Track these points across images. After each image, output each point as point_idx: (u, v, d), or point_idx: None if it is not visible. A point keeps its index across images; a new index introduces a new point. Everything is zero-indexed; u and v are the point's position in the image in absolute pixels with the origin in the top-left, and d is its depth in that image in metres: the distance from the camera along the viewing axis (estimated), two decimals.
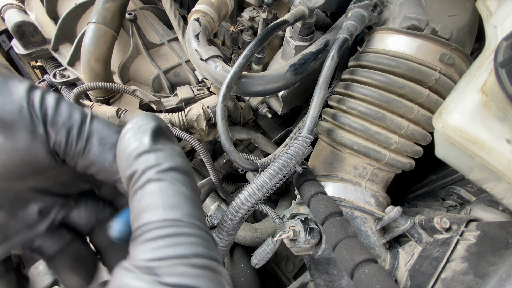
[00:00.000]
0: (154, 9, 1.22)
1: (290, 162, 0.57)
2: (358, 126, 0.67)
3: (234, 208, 0.56)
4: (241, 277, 0.95)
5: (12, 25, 1.02)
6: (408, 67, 0.63)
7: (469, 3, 0.67)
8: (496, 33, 0.46)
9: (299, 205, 0.74)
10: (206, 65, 0.72)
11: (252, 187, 0.56)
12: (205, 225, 0.24)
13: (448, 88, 0.64)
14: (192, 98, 0.95)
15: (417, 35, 0.64)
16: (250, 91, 0.71)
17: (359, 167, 0.69)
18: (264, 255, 0.60)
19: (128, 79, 1.08)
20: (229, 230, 0.57)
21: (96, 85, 0.80)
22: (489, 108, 0.41)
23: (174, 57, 1.09)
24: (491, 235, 0.52)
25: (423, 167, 0.81)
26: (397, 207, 0.61)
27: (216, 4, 0.81)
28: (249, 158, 0.91)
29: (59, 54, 1.10)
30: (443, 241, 0.56)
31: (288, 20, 0.69)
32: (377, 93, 0.65)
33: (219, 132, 0.65)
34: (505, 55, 0.38)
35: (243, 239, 0.95)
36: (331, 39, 0.77)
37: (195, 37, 0.75)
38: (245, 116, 1.06)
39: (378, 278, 0.45)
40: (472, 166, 0.45)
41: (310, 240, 0.59)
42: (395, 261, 0.62)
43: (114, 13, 0.88)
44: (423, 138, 0.67)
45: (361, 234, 0.63)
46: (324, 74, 0.64)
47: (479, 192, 0.70)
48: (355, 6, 0.67)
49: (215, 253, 0.23)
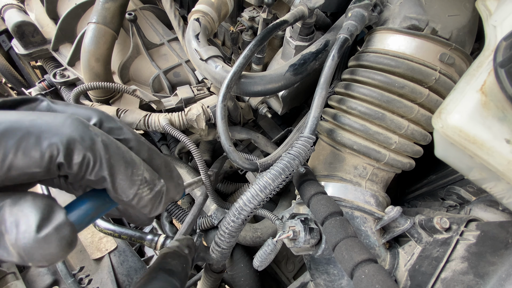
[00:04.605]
0: (154, 9, 1.22)
1: (293, 162, 0.57)
2: (358, 126, 0.67)
3: (236, 209, 0.56)
4: (241, 277, 0.95)
5: (12, 25, 1.02)
6: (408, 67, 0.63)
7: (469, 3, 0.67)
8: (496, 33, 0.46)
9: (299, 205, 0.74)
10: (206, 65, 0.72)
11: (255, 189, 0.56)
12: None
13: (448, 88, 0.64)
14: (192, 98, 0.95)
15: (417, 35, 0.64)
16: (250, 91, 0.71)
17: (359, 167, 0.69)
18: (265, 256, 0.60)
19: (128, 79, 1.08)
20: (231, 232, 0.57)
21: (96, 85, 0.80)
22: (488, 108, 0.41)
23: (174, 57, 1.09)
24: (491, 235, 0.52)
25: (423, 167, 0.81)
26: (397, 207, 0.61)
27: (216, 4, 0.81)
28: (249, 158, 0.91)
29: (59, 54, 1.10)
30: (443, 241, 0.56)
31: (288, 20, 0.69)
32: (377, 93, 0.65)
33: (219, 132, 0.65)
34: (505, 55, 0.38)
35: (243, 239, 0.95)
36: (331, 39, 0.77)
37: (195, 37, 0.75)
38: (245, 116, 1.06)
39: (378, 278, 0.45)
40: (472, 166, 0.45)
41: (310, 240, 0.59)
42: (395, 261, 0.62)
43: (114, 13, 0.88)
44: (423, 138, 0.67)
45: (361, 234, 0.63)
46: (325, 74, 0.64)
47: (479, 192, 0.70)
48: (355, 6, 0.67)
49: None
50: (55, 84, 1.04)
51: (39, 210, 0.21)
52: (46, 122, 0.22)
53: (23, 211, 0.21)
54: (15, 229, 0.21)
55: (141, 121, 0.85)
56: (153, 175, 0.29)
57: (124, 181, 0.26)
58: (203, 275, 0.72)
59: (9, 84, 1.57)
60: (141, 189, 0.27)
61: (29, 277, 0.75)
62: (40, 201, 0.22)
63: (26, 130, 0.21)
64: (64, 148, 0.22)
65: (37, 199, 0.22)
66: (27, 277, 0.75)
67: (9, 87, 1.64)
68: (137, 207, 0.28)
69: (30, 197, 0.22)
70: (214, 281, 0.72)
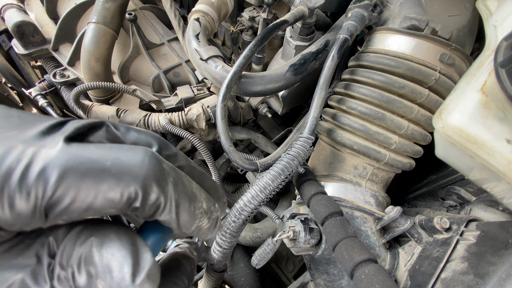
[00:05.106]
0: (154, 9, 1.22)
1: (292, 163, 0.57)
2: (358, 126, 0.67)
3: (237, 210, 0.56)
4: (241, 277, 0.95)
5: (12, 25, 1.02)
6: (408, 67, 0.63)
7: (469, 3, 0.67)
8: (496, 33, 0.46)
9: (299, 205, 0.74)
10: (206, 65, 0.72)
11: (255, 189, 0.56)
12: None
13: (448, 88, 0.64)
14: (192, 98, 0.95)
15: (417, 35, 0.64)
16: (250, 91, 0.71)
17: (359, 167, 0.69)
18: (264, 255, 0.60)
19: (128, 79, 1.08)
20: (232, 232, 0.57)
21: (96, 84, 0.80)
22: (489, 108, 0.41)
23: (174, 57, 1.09)
24: (491, 235, 0.52)
25: (423, 167, 0.81)
26: (397, 207, 0.61)
27: (216, 4, 0.81)
28: (249, 158, 0.91)
29: (59, 54, 1.10)
30: (443, 241, 0.56)
31: (288, 20, 0.69)
32: (377, 93, 0.65)
33: (219, 132, 0.65)
34: (505, 55, 0.38)
35: (243, 239, 0.95)
36: (331, 39, 0.77)
37: (195, 37, 0.75)
38: (245, 116, 1.06)
39: (378, 278, 0.45)
40: (472, 166, 0.45)
41: (310, 240, 0.59)
42: (395, 261, 0.62)
43: (114, 13, 0.88)
44: (423, 138, 0.67)
45: (361, 234, 0.63)
46: (324, 74, 0.64)
47: (479, 192, 0.70)
48: (355, 6, 0.67)
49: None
50: (55, 84, 1.04)
51: (129, 254, 0.21)
52: (126, 162, 0.21)
53: (114, 255, 0.21)
54: (109, 276, 0.20)
55: (141, 121, 0.85)
56: (209, 203, 0.28)
57: (187, 218, 0.25)
58: (205, 275, 0.72)
59: (9, 84, 1.57)
60: (201, 221, 0.27)
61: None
62: (125, 239, 0.22)
63: (108, 172, 0.20)
64: (142, 193, 0.21)
65: (121, 236, 0.22)
66: None
67: (9, 87, 1.64)
68: (196, 236, 0.28)
69: (114, 234, 0.22)
70: (216, 280, 0.72)
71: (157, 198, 0.22)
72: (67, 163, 0.19)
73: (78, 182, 0.19)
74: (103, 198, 0.20)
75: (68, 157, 0.19)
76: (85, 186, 0.20)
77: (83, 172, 0.20)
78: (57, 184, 0.19)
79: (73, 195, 0.19)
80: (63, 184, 0.19)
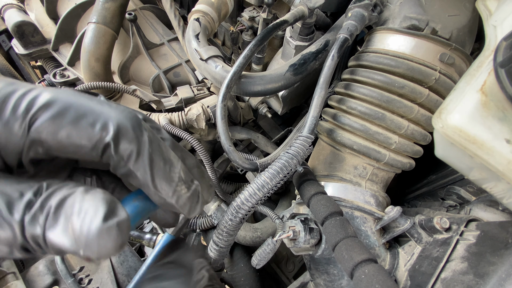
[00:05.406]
0: (154, 9, 1.22)
1: (291, 162, 0.57)
2: (358, 126, 0.67)
3: (234, 208, 0.56)
4: (241, 277, 0.95)
5: (12, 25, 1.02)
6: (408, 67, 0.63)
7: (469, 3, 0.67)
8: (496, 33, 0.46)
9: (299, 205, 0.74)
10: (206, 65, 0.72)
11: (253, 187, 0.56)
12: None
13: (448, 88, 0.64)
14: (192, 98, 0.95)
15: (417, 35, 0.64)
16: (250, 91, 0.71)
17: (359, 167, 0.69)
18: (264, 255, 0.60)
19: (128, 79, 1.08)
20: (229, 230, 0.57)
21: (96, 84, 0.80)
22: (488, 108, 0.41)
23: (174, 57, 1.09)
24: (491, 235, 0.52)
25: (423, 167, 0.81)
26: (397, 207, 0.61)
27: (216, 4, 0.81)
28: (249, 158, 0.91)
29: (59, 54, 1.10)
30: (443, 241, 0.56)
31: (288, 20, 0.69)
32: (377, 93, 0.65)
33: (219, 132, 0.65)
34: (505, 55, 0.38)
35: (243, 239, 0.95)
36: (331, 39, 0.77)
37: (195, 37, 0.75)
38: (245, 116, 1.06)
39: (378, 278, 0.45)
40: (472, 166, 0.45)
41: (310, 240, 0.59)
42: (395, 261, 0.62)
43: (114, 13, 0.88)
44: (423, 138, 0.67)
45: (361, 234, 0.63)
46: (324, 74, 0.64)
47: (479, 192, 0.70)
48: (355, 6, 0.67)
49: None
50: (55, 84, 1.04)
51: (107, 203, 0.23)
52: (106, 109, 0.24)
53: (94, 200, 0.22)
54: (83, 215, 0.22)
55: None
56: (188, 176, 0.29)
57: (162, 177, 0.27)
58: None
59: None
60: (179, 186, 0.28)
61: (29, 277, 0.75)
62: (109, 196, 0.24)
63: (88, 109, 0.24)
64: (114, 130, 0.24)
65: (106, 194, 0.24)
66: (27, 277, 0.75)
67: None
68: (177, 205, 0.29)
69: (100, 190, 0.24)
70: None
71: (130, 142, 0.24)
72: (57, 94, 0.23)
73: (62, 110, 0.23)
74: (79, 129, 0.23)
75: (59, 91, 0.23)
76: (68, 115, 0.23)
77: (68, 103, 0.23)
78: (44, 107, 0.22)
79: (54, 115, 0.22)
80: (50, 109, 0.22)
